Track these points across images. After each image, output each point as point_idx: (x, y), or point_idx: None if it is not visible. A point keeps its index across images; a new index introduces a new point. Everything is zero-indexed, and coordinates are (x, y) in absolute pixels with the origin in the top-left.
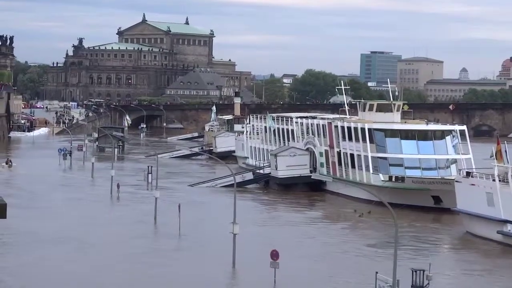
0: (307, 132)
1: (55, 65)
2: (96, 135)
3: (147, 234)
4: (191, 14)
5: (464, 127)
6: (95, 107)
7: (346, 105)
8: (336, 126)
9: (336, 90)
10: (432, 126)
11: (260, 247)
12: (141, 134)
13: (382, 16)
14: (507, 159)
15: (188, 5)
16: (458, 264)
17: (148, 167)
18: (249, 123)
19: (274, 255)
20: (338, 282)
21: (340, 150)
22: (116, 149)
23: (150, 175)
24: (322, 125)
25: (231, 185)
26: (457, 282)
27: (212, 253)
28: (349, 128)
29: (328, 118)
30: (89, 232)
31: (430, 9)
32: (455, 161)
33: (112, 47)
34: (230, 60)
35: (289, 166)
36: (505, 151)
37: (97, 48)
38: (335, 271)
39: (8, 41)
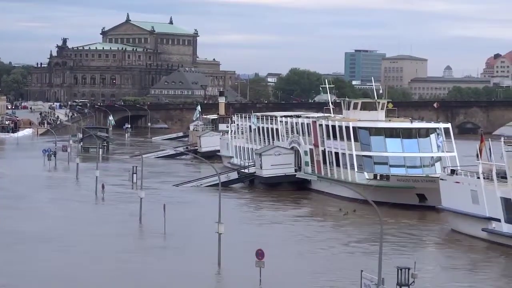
0: (292, 131)
1: (39, 65)
2: (80, 135)
3: (132, 233)
4: (175, 14)
5: (449, 125)
6: (80, 107)
7: (330, 103)
8: (320, 125)
9: (321, 88)
10: (417, 124)
11: (246, 246)
12: (126, 134)
13: (366, 14)
14: (489, 156)
15: (172, 5)
16: (443, 262)
17: (133, 167)
18: (234, 123)
19: (260, 254)
20: (323, 281)
21: (324, 149)
22: (100, 150)
23: (135, 175)
24: (307, 124)
25: (216, 185)
26: (442, 279)
27: (198, 252)
28: (333, 127)
29: (312, 117)
30: (74, 231)
31: (414, 7)
32: (439, 159)
33: (96, 47)
34: (214, 59)
35: (274, 165)
36: (489, 148)
37: (81, 48)
38: (320, 270)
39: None
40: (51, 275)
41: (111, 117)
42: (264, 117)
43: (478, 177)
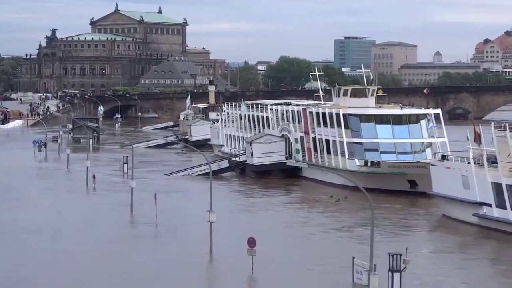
0: (282, 119)
1: (28, 56)
2: (70, 126)
3: (123, 222)
4: (163, 3)
5: (439, 111)
6: (69, 98)
7: (320, 91)
8: (311, 112)
9: (311, 76)
10: (407, 110)
11: (237, 234)
12: (116, 124)
13: (356, 1)
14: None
15: None
16: (435, 247)
17: (123, 157)
18: (224, 111)
19: (251, 242)
20: (315, 268)
21: (315, 136)
22: (91, 140)
23: (125, 165)
24: (297, 111)
25: (207, 174)
26: (434, 265)
27: (189, 241)
28: (323, 114)
29: (302, 105)
30: (65, 221)
31: None
32: (430, 144)
33: (85, 38)
34: (204, 48)
35: (264, 153)
36: (479, 133)
37: (70, 39)
38: (312, 257)
39: None
40: (42, 265)
41: (101, 108)
42: (254, 105)
43: (469, 163)
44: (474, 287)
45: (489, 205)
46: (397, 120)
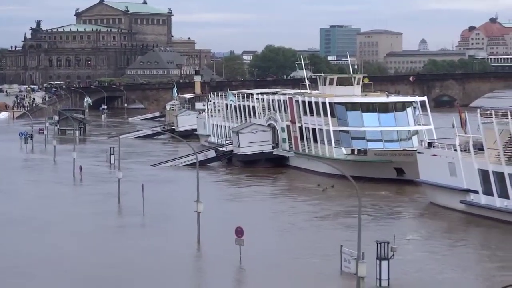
0: (269, 108)
1: (13, 48)
2: (57, 118)
3: (110, 213)
4: None
5: (425, 98)
6: (55, 89)
7: (306, 80)
8: (297, 101)
9: (296, 65)
10: (393, 98)
11: (225, 224)
12: (102, 115)
13: None
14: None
15: None
16: (422, 235)
17: (110, 148)
18: (210, 101)
19: (239, 232)
20: (303, 257)
21: (301, 125)
22: (77, 131)
23: (112, 156)
24: (283, 100)
25: (194, 164)
26: (422, 252)
27: (177, 231)
28: (310, 103)
29: (289, 94)
30: (51, 212)
31: None
32: (416, 132)
33: (70, 29)
34: (189, 38)
35: (251, 143)
36: (465, 121)
37: (55, 30)
38: (300, 246)
39: None
40: (28, 255)
41: (87, 99)
42: (241, 95)
43: (455, 150)
44: (461, 273)
45: (476, 192)
46: (383, 108)
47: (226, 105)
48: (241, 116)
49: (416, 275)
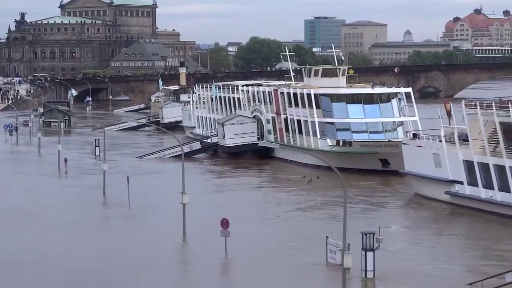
0: (254, 100)
1: None
2: (41, 110)
3: (95, 205)
4: None
5: (410, 90)
6: (40, 82)
7: (291, 71)
8: (282, 93)
9: (281, 57)
10: (378, 90)
11: (210, 216)
12: (87, 107)
13: None
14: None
15: None
16: (408, 225)
17: (95, 140)
18: (195, 93)
19: (225, 223)
20: (289, 248)
21: (287, 117)
22: (62, 124)
23: (97, 148)
24: (268, 92)
25: (179, 156)
26: (407, 243)
27: (163, 223)
28: (295, 94)
29: (274, 85)
30: (36, 203)
31: None
32: (401, 123)
33: (54, 21)
34: (174, 30)
35: (236, 134)
36: (450, 111)
37: (40, 22)
38: (286, 237)
39: None
40: (14, 246)
41: (72, 91)
42: (226, 87)
43: (440, 141)
44: (446, 263)
45: (461, 182)
46: (368, 99)
47: (211, 96)
48: (226, 108)
49: (402, 265)
